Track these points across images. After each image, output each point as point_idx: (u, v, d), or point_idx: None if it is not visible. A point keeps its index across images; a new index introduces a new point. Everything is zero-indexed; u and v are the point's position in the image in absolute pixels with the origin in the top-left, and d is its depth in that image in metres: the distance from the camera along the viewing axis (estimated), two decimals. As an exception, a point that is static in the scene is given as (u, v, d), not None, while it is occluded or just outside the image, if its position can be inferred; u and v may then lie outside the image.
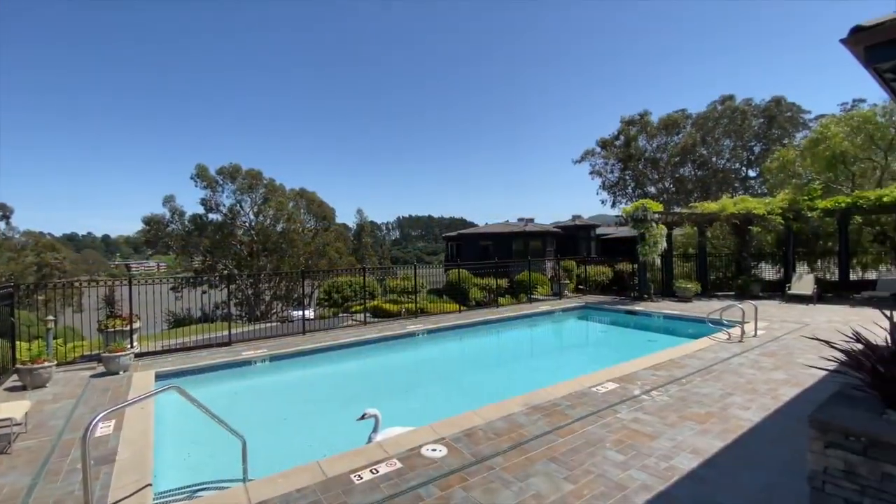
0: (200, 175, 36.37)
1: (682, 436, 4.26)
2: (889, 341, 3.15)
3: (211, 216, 37.49)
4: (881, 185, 18.79)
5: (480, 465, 3.77)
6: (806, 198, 14.52)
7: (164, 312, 21.71)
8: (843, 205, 13.58)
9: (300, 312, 18.87)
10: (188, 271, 37.52)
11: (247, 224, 38.79)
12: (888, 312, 3.47)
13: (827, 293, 13.32)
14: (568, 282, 16.87)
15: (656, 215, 13.78)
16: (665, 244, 13.97)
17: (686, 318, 11.09)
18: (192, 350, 8.81)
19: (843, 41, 3.64)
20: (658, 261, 14.41)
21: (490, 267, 16.04)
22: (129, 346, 7.56)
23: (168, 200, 36.10)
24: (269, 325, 17.40)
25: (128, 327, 7.86)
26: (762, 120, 35.08)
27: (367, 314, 12.51)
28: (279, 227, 39.43)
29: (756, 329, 8.74)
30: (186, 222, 36.96)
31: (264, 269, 37.46)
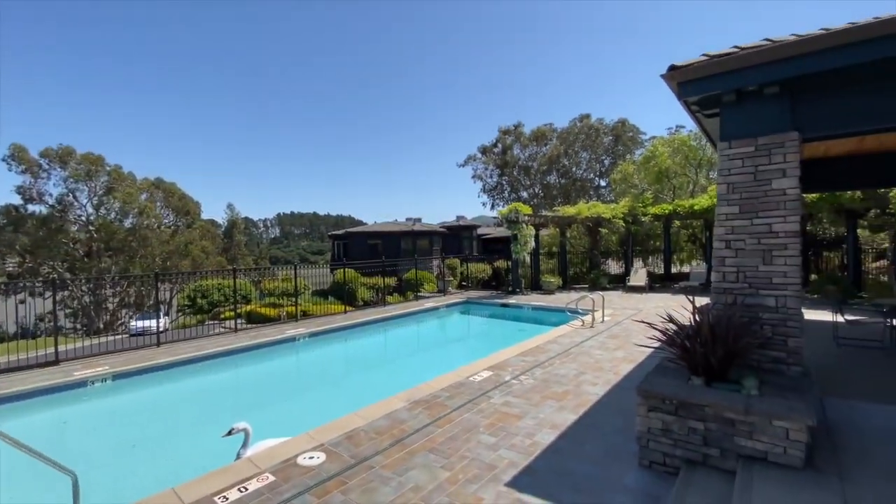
0: (16, 157, 29.21)
1: (543, 413, 4.79)
2: (692, 322, 3.98)
3: (32, 208, 30.37)
4: (693, 196, 23.51)
5: (360, 467, 3.75)
6: (641, 205, 17.48)
7: (-45, 330, 16.90)
8: (666, 211, 16.66)
9: (142, 323, 16.24)
10: (-4, 276, 29.82)
11: (83, 218, 32.30)
12: (692, 298, 4.39)
13: (656, 284, 16.20)
14: (452, 279, 17.65)
15: (526, 217, 15.22)
16: (534, 243, 15.53)
17: (550, 308, 12.46)
18: (4, 373, 7.06)
19: (662, 76, 4.44)
20: (528, 258, 15.94)
21: (378, 266, 15.93)
22: None
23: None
24: (114, 338, 14.74)
25: None
26: (611, 137, 41.07)
27: (240, 320, 11.43)
28: (128, 223, 33.66)
29: (603, 316, 10.23)
30: (-6, 215, 29.36)
31: (108, 272, 31.63)
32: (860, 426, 3.74)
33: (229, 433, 4.41)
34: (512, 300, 14.05)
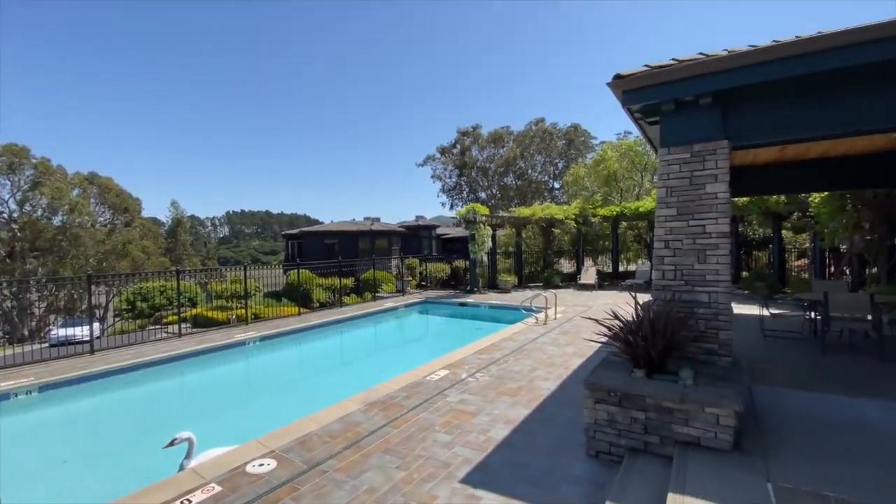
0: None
1: (498, 409, 4.90)
2: (634, 317, 4.21)
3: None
4: (639, 198, 24.79)
5: (313, 472, 3.67)
6: (591, 207, 18.24)
7: None
8: (614, 213, 17.47)
9: (67, 331, 14.91)
10: None
11: (5, 216, 29.34)
12: (634, 295, 4.64)
13: (605, 282, 16.95)
14: (410, 279, 17.62)
15: (483, 218, 15.46)
16: (491, 243, 15.81)
17: (506, 307, 12.73)
18: None
19: (608, 84, 4.65)
20: (485, 258, 16.20)
21: (335, 266, 15.59)
22: None
23: None
24: (40, 346, 13.48)
25: None
26: (564, 141, 42.49)
27: (186, 325, 10.83)
28: (57, 221, 30.92)
29: (556, 313, 10.58)
30: None
31: (33, 275, 28.92)
32: (782, 411, 4.10)
33: (171, 444, 4.17)
34: (470, 299, 14.21)
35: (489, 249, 15.93)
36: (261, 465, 3.78)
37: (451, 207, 47.53)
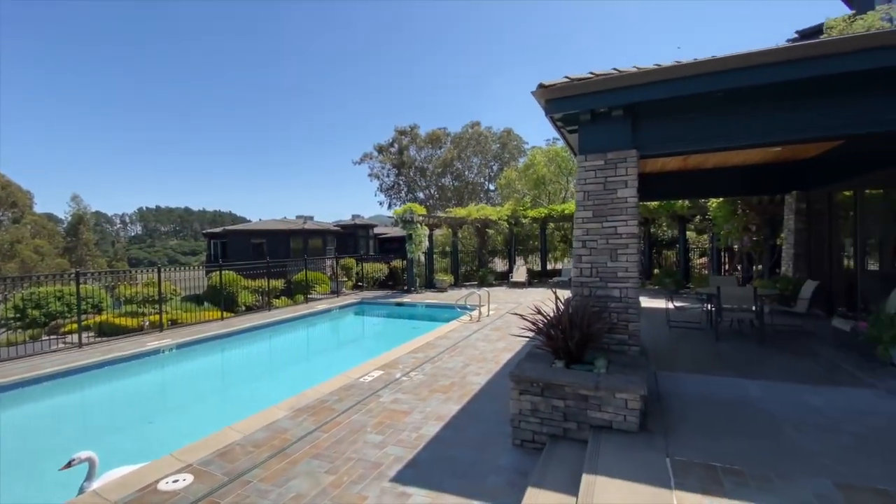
0: None
1: (430, 407, 4.98)
2: (555, 312, 4.49)
3: None
4: (565, 201, 26.30)
5: (235, 483, 3.49)
6: (522, 208, 19.08)
7: None
8: (542, 215, 18.41)
9: None
10: None
11: None
12: (555, 291, 4.94)
13: (534, 279, 17.79)
14: (346, 279, 17.22)
15: (420, 218, 15.54)
16: (428, 243, 15.92)
17: (442, 305, 12.91)
18: None
19: (533, 93, 4.91)
20: (423, 257, 16.29)
21: (263, 267, 14.78)
22: None
23: None
24: None
25: None
26: (498, 145, 43.87)
27: (89, 333, 9.72)
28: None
29: (489, 310, 10.93)
30: None
31: None
32: (682, 393, 4.59)
33: (68, 465, 3.75)
34: (407, 299, 14.21)
35: (426, 249, 16.05)
36: (175, 481, 3.53)
37: (390, 206, 47.11)
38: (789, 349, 5.95)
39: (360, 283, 18.30)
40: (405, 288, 16.01)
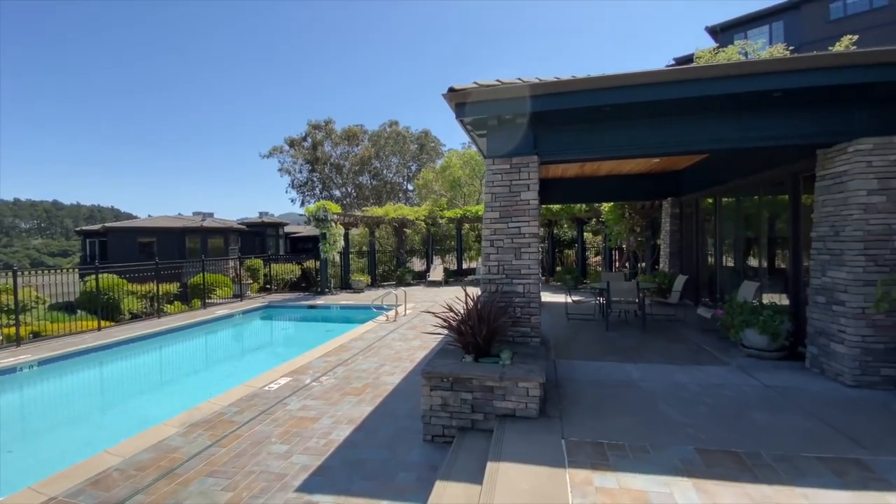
0: None
1: (342, 410, 4.85)
2: (465, 308, 4.64)
3: None
4: (479, 202, 27.29)
5: (111, 513, 3.09)
6: (439, 209, 19.41)
7: None
8: (459, 215, 18.94)
9: None
10: None
11: None
12: (465, 289, 5.12)
13: (451, 278, 18.21)
14: (251, 282, 16.07)
15: (335, 216, 15.04)
16: (343, 242, 15.47)
17: (358, 306, 12.65)
18: None
19: (443, 95, 5.01)
20: (338, 257, 15.80)
21: (152, 269, 13.17)
22: None
23: None
24: None
25: None
26: (416, 145, 44.09)
27: None
28: None
29: (406, 310, 10.96)
30: None
31: None
32: (577, 379, 5.02)
33: None
34: (320, 301, 13.67)
35: (342, 249, 15.57)
36: (30, 520, 3.01)
37: (303, 204, 44.85)
38: (665, 335, 6.83)
39: (268, 286, 17.17)
40: (319, 289, 15.39)
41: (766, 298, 6.24)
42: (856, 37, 12.05)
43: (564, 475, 2.98)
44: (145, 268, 13.45)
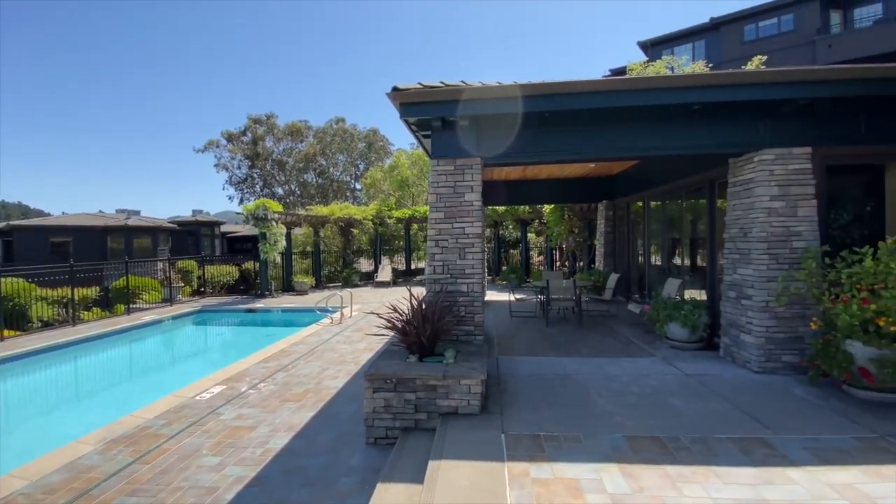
0: None
1: (280, 418, 4.67)
2: (409, 308, 4.64)
3: None
4: (427, 203, 27.42)
5: (9, 545, 2.77)
6: (387, 208, 19.22)
7: None
8: (407, 215, 18.87)
9: None
10: None
11: None
12: (409, 289, 5.12)
13: (399, 278, 18.11)
14: (183, 285, 14.99)
15: (276, 215, 14.42)
16: (285, 242, 14.86)
17: (301, 309, 12.21)
18: None
19: (387, 94, 4.97)
20: (279, 258, 15.15)
21: (67, 272, 11.87)
22: None
23: None
24: None
25: None
26: (364, 144, 43.34)
27: None
28: None
29: (352, 311, 10.76)
30: None
31: None
32: (518, 374, 5.19)
33: None
34: (260, 304, 13.04)
35: (283, 249, 14.93)
36: None
37: (241, 202, 42.52)
38: (599, 330, 7.24)
39: (202, 289, 16.10)
40: (259, 292, 14.68)
41: (688, 294, 6.81)
42: (765, 57, 13.41)
43: (503, 469, 3.07)
44: (59, 270, 12.11)
